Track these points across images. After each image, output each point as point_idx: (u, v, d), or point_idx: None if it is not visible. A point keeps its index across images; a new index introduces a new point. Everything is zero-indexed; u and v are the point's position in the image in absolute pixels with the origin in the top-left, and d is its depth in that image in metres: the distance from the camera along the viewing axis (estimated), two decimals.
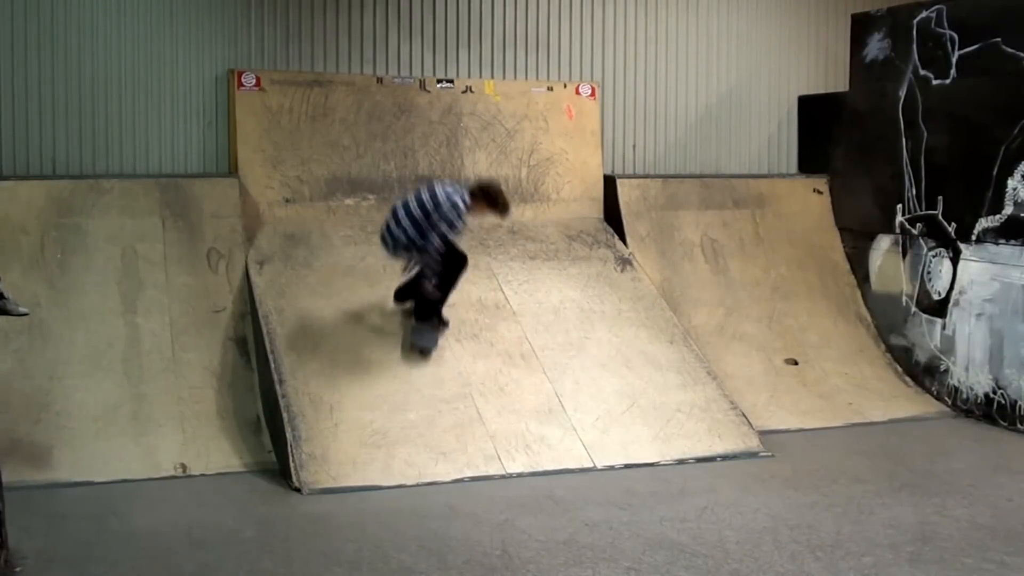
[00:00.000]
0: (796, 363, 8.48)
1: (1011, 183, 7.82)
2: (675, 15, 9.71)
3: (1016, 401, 7.74)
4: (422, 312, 7.46)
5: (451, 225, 7.13)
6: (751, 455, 7.12)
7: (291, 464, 6.45)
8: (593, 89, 9.31)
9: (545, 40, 9.31)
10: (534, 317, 7.90)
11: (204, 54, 8.37)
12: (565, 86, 9.24)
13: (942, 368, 8.38)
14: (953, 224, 8.31)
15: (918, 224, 8.66)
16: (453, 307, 7.83)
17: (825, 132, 9.76)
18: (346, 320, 7.53)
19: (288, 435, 6.58)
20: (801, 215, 9.52)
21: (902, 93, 8.78)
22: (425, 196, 7.18)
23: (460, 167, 8.79)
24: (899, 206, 8.82)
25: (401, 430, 6.80)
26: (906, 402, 8.33)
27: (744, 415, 7.42)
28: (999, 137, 7.89)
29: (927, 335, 8.51)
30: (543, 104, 9.11)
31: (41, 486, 6.24)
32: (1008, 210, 7.86)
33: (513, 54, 9.21)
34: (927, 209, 8.57)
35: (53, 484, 6.30)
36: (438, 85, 8.84)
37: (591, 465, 6.82)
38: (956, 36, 8.28)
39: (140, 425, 6.81)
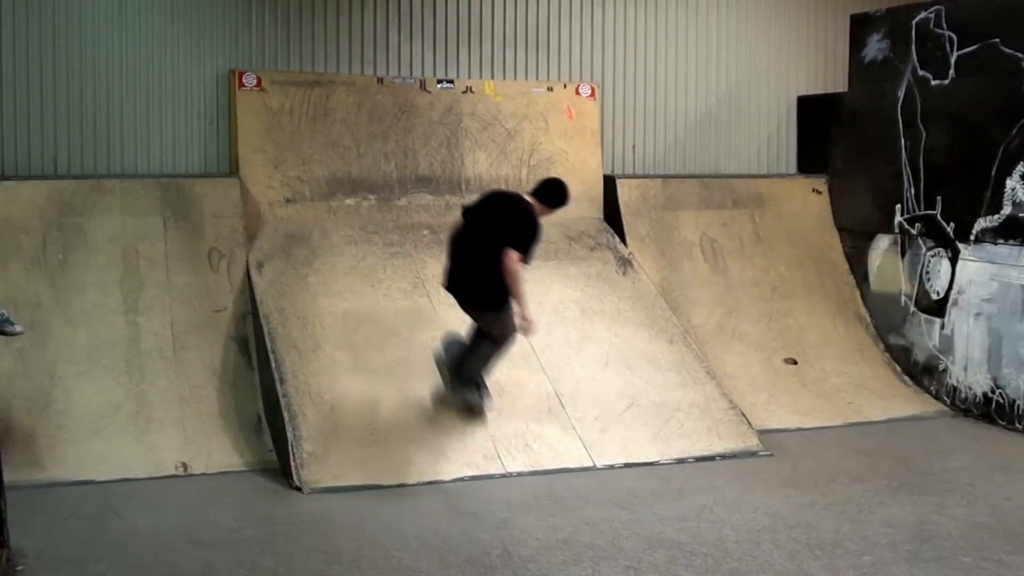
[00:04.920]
0: (795, 362, 8.50)
1: (1009, 183, 7.84)
2: (675, 15, 9.73)
3: (1015, 400, 7.76)
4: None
5: None
6: (750, 454, 7.14)
7: (292, 463, 6.47)
8: (593, 89, 9.33)
9: (545, 40, 9.32)
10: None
11: (205, 54, 8.38)
12: (565, 86, 9.26)
13: (941, 367, 8.40)
14: (952, 224, 8.33)
15: (917, 224, 8.67)
16: (455, 306, 7.83)
17: (824, 132, 9.78)
18: (347, 320, 7.55)
19: (289, 434, 6.60)
20: (800, 215, 9.54)
21: (901, 93, 8.80)
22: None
23: (460, 167, 8.81)
24: (898, 206, 8.84)
25: (401, 429, 6.82)
26: (905, 401, 8.35)
27: (743, 414, 7.44)
28: (997, 137, 7.90)
29: (926, 335, 8.53)
30: (543, 104, 9.12)
31: (42, 485, 6.26)
32: (1007, 210, 7.87)
33: (513, 54, 9.22)
34: (926, 209, 8.59)
35: (54, 483, 6.32)
36: (438, 85, 8.86)
37: (591, 464, 6.84)
38: (955, 37, 8.29)
39: (141, 424, 6.83)
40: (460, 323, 7.72)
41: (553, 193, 6.88)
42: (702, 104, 9.87)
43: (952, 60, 8.32)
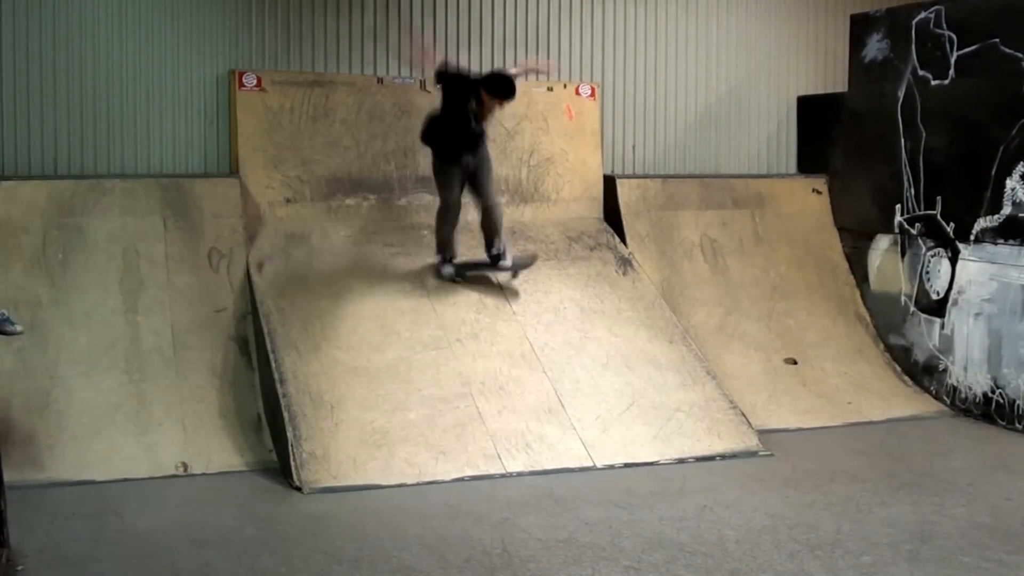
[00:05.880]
0: (795, 362, 8.50)
1: (1009, 183, 7.84)
2: (675, 15, 9.73)
3: (1014, 400, 7.76)
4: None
5: None
6: (750, 454, 7.14)
7: (292, 463, 6.47)
8: (593, 89, 9.33)
9: (545, 40, 9.32)
10: (534, 317, 7.91)
11: (205, 54, 8.38)
12: (565, 86, 9.26)
13: (941, 367, 8.40)
14: (952, 224, 8.33)
15: (917, 224, 8.68)
16: (454, 306, 7.86)
17: (824, 132, 9.78)
18: (347, 320, 7.55)
19: (289, 434, 6.60)
20: (800, 215, 9.54)
21: (901, 93, 8.80)
22: None
23: None
24: (898, 206, 8.84)
25: (401, 429, 6.82)
26: (905, 401, 8.35)
27: (743, 414, 7.44)
28: (997, 137, 7.90)
29: (926, 335, 8.53)
30: (543, 104, 9.12)
31: (42, 485, 6.27)
32: (1006, 210, 7.87)
33: (513, 54, 9.21)
34: (926, 209, 8.59)
35: (54, 483, 6.32)
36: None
37: (591, 464, 6.84)
38: (955, 37, 8.30)
39: (141, 424, 6.83)
40: (460, 323, 7.75)
41: (490, 83, 7.73)
42: (702, 104, 9.87)
43: (952, 60, 8.32)
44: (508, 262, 8.02)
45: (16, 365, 6.91)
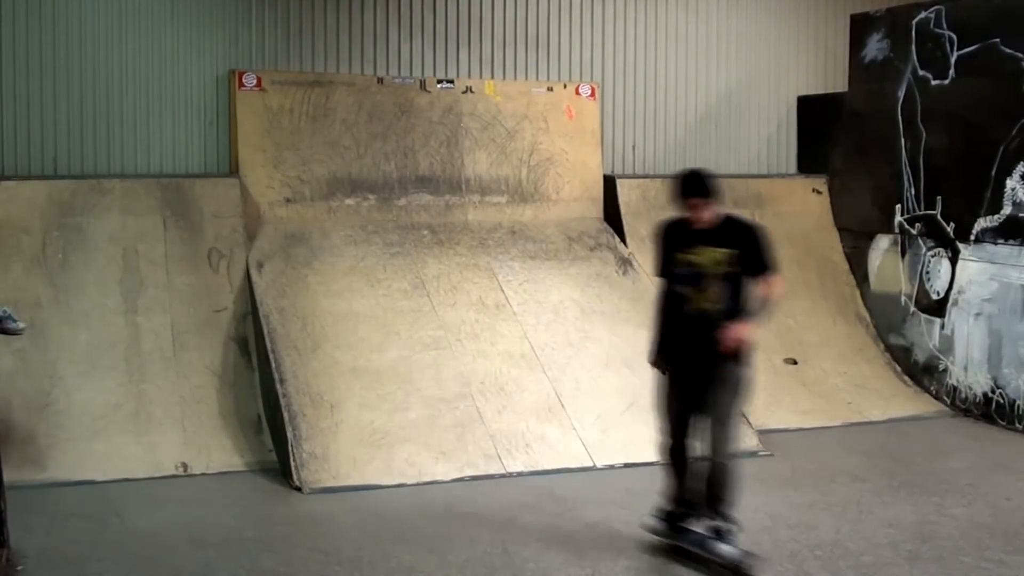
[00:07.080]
0: (795, 362, 8.50)
1: (1009, 183, 7.84)
2: (675, 15, 9.73)
3: (1014, 400, 7.76)
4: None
5: None
6: (750, 454, 7.12)
7: (292, 463, 6.47)
8: (593, 89, 9.32)
9: (545, 40, 9.32)
10: (534, 317, 7.91)
11: (205, 54, 8.38)
12: (565, 86, 9.26)
13: (941, 367, 8.39)
14: (952, 224, 8.33)
15: (917, 224, 8.67)
16: (454, 306, 7.84)
17: (824, 132, 9.78)
18: (347, 320, 7.55)
19: (289, 434, 6.60)
20: (800, 215, 9.54)
21: (901, 93, 8.80)
22: None
23: (460, 167, 8.81)
24: (898, 206, 8.84)
25: (401, 429, 6.82)
26: (905, 401, 8.35)
27: (743, 414, 7.43)
28: (997, 137, 7.90)
29: (926, 335, 8.53)
30: (543, 104, 9.12)
31: (42, 485, 6.27)
32: (1007, 210, 7.87)
33: (513, 54, 9.22)
34: (926, 209, 8.59)
35: (54, 483, 6.33)
36: (438, 85, 8.85)
37: (591, 464, 6.84)
38: (955, 37, 8.30)
39: (141, 424, 6.83)
40: (460, 323, 7.74)
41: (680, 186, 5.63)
42: (702, 104, 9.87)
43: (952, 60, 8.32)
44: (731, 550, 5.18)
45: (16, 365, 6.91)
